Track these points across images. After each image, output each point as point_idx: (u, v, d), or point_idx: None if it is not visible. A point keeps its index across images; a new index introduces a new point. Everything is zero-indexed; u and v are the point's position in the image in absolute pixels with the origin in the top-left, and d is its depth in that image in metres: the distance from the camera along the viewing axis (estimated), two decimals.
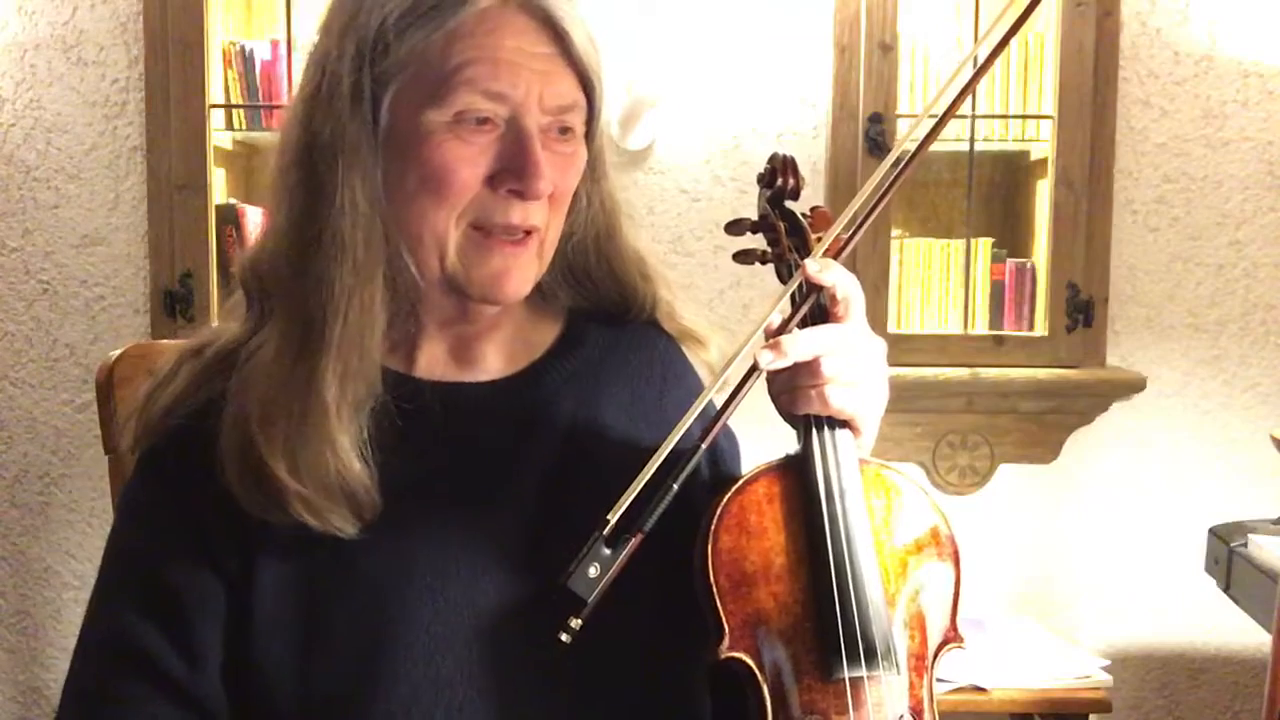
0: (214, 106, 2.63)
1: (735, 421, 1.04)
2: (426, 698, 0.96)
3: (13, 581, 2.76)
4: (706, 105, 2.66)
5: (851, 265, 2.65)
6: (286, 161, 1.00)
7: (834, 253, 1.01)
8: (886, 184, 1.00)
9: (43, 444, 2.73)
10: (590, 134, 1.05)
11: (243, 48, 2.67)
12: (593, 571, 0.89)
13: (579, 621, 0.89)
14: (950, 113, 1.02)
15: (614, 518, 0.90)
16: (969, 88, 1.02)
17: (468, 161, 0.96)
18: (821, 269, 0.98)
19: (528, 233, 1.00)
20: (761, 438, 1.18)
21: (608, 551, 0.90)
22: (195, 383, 1.01)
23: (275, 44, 2.68)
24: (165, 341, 1.58)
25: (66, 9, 2.63)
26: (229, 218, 2.67)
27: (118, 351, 1.40)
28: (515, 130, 0.97)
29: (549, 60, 0.98)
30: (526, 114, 0.97)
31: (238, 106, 2.69)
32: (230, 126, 2.71)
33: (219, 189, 2.70)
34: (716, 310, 2.67)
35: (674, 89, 2.58)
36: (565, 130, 1.01)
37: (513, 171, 0.97)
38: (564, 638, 0.89)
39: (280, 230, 1.01)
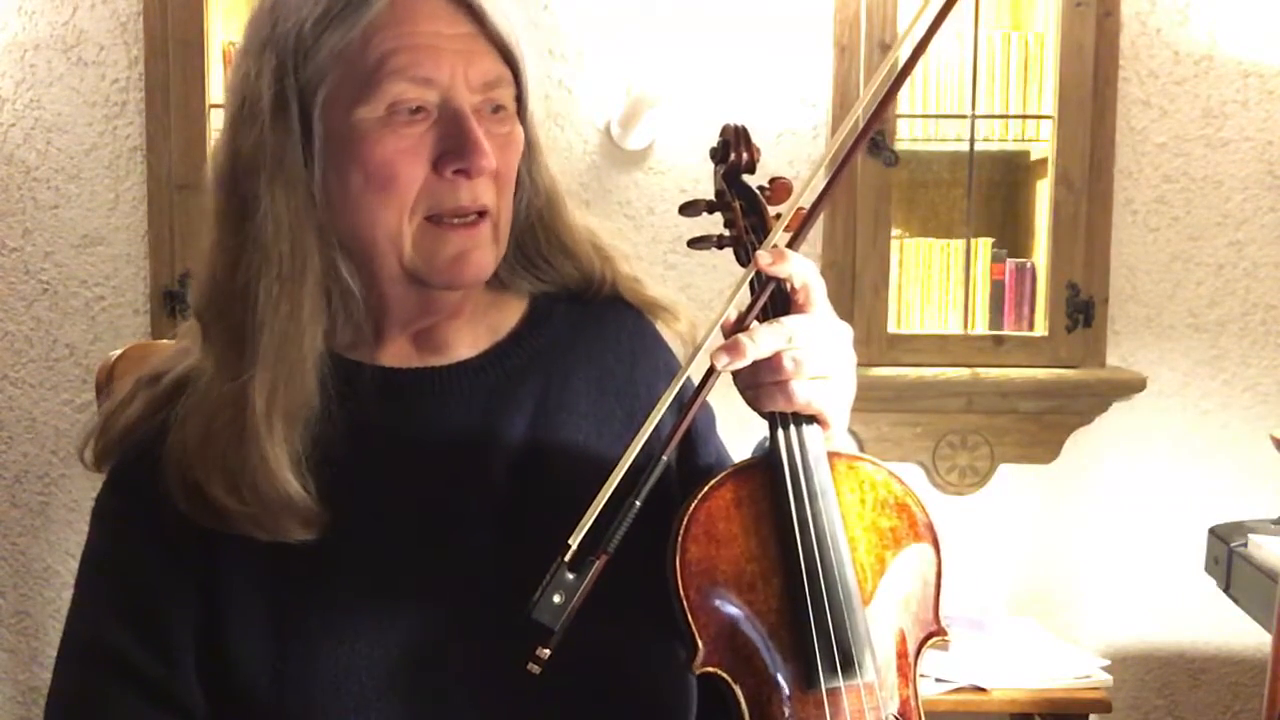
0: (214, 106, 2.62)
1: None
2: (403, 687, 0.96)
3: (13, 581, 2.76)
4: (706, 105, 2.64)
5: (850, 265, 2.69)
6: (213, 187, 1.01)
7: (795, 228, 0.96)
8: (844, 152, 0.95)
9: (43, 444, 2.73)
10: (522, 111, 1.04)
11: None
12: (557, 599, 0.86)
13: (548, 651, 0.87)
14: (907, 71, 0.96)
15: (575, 542, 0.87)
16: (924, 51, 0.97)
17: (408, 153, 0.97)
18: (774, 260, 0.94)
19: (481, 214, 1.00)
20: (736, 429, 1.17)
21: (571, 577, 0.87)
22: (150, 409, 1.02)
23: None
24: (165, 342, 1.58)
25: (66, 9, 2.63)
26: None
27: (118, 351, 1.40)
28: (449, 112, 0.97)
29: (468, 40, 0.98)
30: (457, 95, 0.97)
31: None
32: None
33: None
34: (716, 309, 2.66)
35: (674, 89, 2.58)
36: (498, 109, 1.01)
37: (454, 152, 0.97)
38: (534, 668, 0.87)
39: (211, 252, 1.01)
